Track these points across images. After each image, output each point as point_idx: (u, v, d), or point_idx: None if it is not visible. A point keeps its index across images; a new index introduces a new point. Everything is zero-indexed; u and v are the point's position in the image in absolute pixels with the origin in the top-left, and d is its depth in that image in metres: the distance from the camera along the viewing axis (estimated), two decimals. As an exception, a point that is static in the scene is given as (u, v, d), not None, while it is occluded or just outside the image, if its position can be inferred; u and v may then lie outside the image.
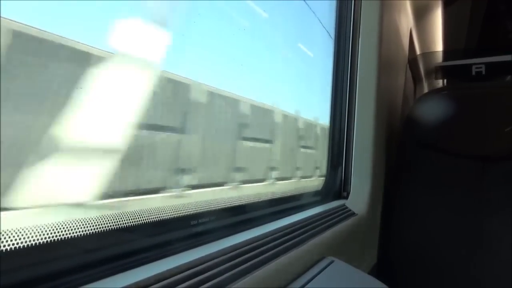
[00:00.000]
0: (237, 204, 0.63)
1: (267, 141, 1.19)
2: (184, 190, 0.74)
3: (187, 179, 0.77)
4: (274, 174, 1.15)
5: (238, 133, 0.96)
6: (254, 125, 1.04)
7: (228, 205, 0.60)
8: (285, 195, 0.80)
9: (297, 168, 1.39)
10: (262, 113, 1.15)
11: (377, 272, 0.99)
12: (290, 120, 1.35)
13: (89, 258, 0.35)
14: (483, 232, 0.92)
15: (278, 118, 1.25)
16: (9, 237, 0.29)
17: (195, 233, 0.50)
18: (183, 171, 0.88)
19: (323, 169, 1.06)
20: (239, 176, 1.07)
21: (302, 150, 1.41)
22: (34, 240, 0.31)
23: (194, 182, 0.77)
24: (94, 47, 0.51)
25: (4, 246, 0.29)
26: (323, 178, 1.03)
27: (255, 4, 0.92)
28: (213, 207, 0.56)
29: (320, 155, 1.22)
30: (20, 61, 0.39)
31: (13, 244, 0.29)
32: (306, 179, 1.31)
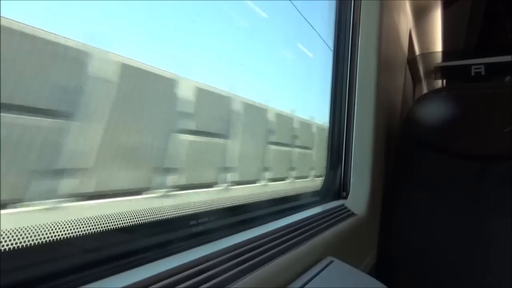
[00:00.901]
0: (236, 204, 0.63)
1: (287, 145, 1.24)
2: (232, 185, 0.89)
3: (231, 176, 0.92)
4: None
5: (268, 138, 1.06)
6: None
7: (227, 205, 0.60)
8: (285, 195, 0.80)
9: (311, 168, 1.44)
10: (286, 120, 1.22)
11: (376, 272, 0.99)
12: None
13: (89, 258, 0.35)
14: (482, 232, 0.92)
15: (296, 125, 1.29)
16: (7, 236, 0.29)
17: (194, 233, 0.50)
18: (227, 169, 0.97)
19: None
20: (268, 174, 1.16)
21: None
22: (32, 240, 0.31)
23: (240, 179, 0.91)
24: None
25: (3, 246, 0.28)
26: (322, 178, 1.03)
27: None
28: (213, 207, 0.56)
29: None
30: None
31: (11, 244, 0.29)
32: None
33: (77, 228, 0.35)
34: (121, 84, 0.59)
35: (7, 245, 0.29)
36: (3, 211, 0.39)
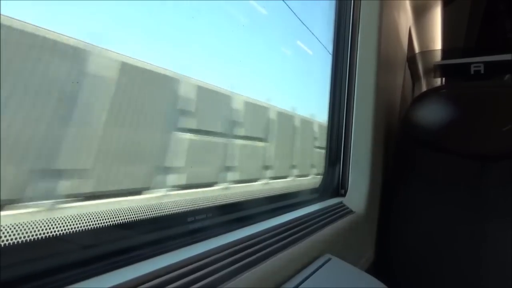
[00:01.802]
0: (234, 201, 0.62)
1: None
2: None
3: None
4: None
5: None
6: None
7: (225, 202, 0.60)
8: (283, 192, 0.80)
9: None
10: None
11: (374, 270, 0.99)
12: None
13: (84, 255, 0.35)
14: (481, 230, 0.92)
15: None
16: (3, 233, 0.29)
17: (191, 230, 0.49)
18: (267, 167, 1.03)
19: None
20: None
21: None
22: (24, 237, 0.30)
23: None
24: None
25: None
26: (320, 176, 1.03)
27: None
28: (211, 204, 0.56)
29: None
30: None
31: (6, 240, 0.29)
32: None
33: (69, 225, 0.34)
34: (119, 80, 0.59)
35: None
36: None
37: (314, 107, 1.41)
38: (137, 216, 0.42)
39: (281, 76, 1.19)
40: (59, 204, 0.48)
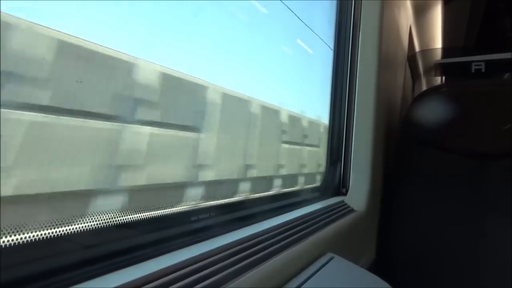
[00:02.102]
0: (237, 200, 0.63)
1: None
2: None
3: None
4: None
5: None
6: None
7: (228, 201, 0.60)
8: (285, 191, 0.80)
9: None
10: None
11: (376, 268, 0.99)
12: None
13: (87, 255, 0.34)
14: (481, 229, 0.92)
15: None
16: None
17: (195, 229, 0.49)
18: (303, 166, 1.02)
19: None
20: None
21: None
22: (26, 237, 0.30)
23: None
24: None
25: None
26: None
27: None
28: (213, 203, 0.56)
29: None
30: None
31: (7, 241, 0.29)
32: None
33: (72, 225, 0.34)
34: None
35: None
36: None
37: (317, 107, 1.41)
38: (141, 215, 0.42)
39: (284, 77, 1.19)
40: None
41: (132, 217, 0.41)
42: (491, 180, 0.95)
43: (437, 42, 1.71)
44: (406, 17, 1.39)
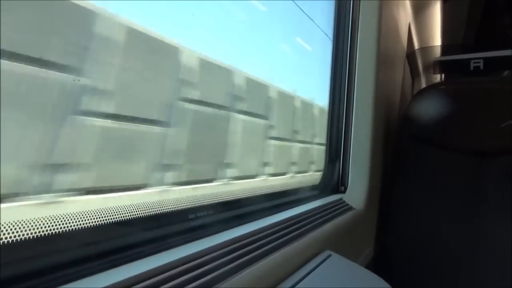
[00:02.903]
0: (235, 198, 0.62)
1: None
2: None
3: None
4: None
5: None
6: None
7: (226, 199, 0.60)
8: (283, 189, 0.80)
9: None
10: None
11: (374, 265, 0.99)
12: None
13: (83, 252, 0.34)
14: (479, 226, 0.92)
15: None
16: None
17: (192, 227, 0.49)
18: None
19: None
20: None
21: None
22: (18, 235, 0.30)
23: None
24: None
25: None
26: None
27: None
28: (211, 201, 0.56)
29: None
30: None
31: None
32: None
33: (66, 223, 0.34)
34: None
35: None
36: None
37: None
38: (139, 213, 0.42)
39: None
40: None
41: (129, 215, 0.41)
42: (490, 177, 0.95)
43: (436, 40, 1.71)
44: (405, 14, 1.39)
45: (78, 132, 0.50)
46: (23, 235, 0.30)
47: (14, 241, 0.29)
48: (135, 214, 0.42)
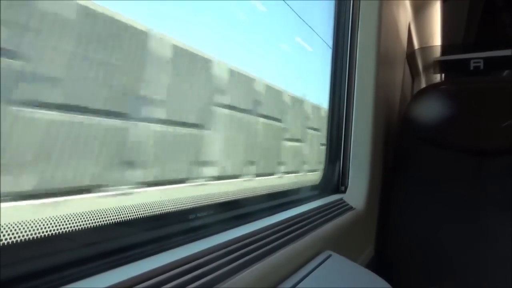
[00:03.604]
0: (235, 198, 0.63)
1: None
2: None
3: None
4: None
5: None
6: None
7: (226, 199, 0.60)
8: (283, 189, 0.80)
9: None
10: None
11: (374, 266, 1.00)
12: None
13: (83, 253, 0.34)
14: (480, 226, 0.93)
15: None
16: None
17: (192, 227, 0.49)
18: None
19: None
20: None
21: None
22: (20, 236, 0.30)
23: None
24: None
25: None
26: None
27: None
28: (211, 201, 0.56)
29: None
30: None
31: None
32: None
33: (67, 223, 0.34)
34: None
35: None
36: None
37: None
38: (139, 214, 0.42)
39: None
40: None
41: (130, 215, 0.41)
42: (490, 177, 0.95)
43: (436, 40, 1.71)
44: (405, 14, 1.39)
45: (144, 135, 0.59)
46: (24, 236, 0.30)
47: (16, 242, 0.30)
48: (136, 215, 0.42)
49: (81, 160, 0.50)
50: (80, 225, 0.35)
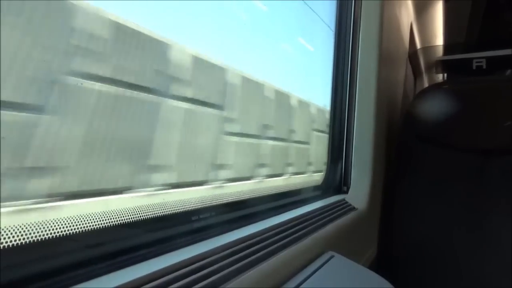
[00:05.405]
0: (238, 199, 0.63)
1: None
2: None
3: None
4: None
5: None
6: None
7: (228, 200, 0.60)
8: (286, 189, 0.81)
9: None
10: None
11: (377, 266, 1.00)
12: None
13: (87, 255, 0.35)
14: (483, 225, 0.92)
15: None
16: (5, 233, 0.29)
17: (195, 228, 0.50)
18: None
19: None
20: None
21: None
22: (28, 238, 0.30)
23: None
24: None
25: None
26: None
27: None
28: (214, 202, 0.56)
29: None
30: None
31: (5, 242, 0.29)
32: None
33: (73, 225, 0.35)
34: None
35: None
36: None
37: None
38: (143, 215, 0.43)
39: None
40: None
41: (133, 217, 0.42)
42: (493, 176, 0.95)
43: (438, 39, 1.70)
44: (407, 14, 1.39)
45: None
46: (30, 238, 0.31)
47: (22, 244, 0.30)
48: (140, 216, 0.42)
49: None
50: (87, 227, 0.36)
